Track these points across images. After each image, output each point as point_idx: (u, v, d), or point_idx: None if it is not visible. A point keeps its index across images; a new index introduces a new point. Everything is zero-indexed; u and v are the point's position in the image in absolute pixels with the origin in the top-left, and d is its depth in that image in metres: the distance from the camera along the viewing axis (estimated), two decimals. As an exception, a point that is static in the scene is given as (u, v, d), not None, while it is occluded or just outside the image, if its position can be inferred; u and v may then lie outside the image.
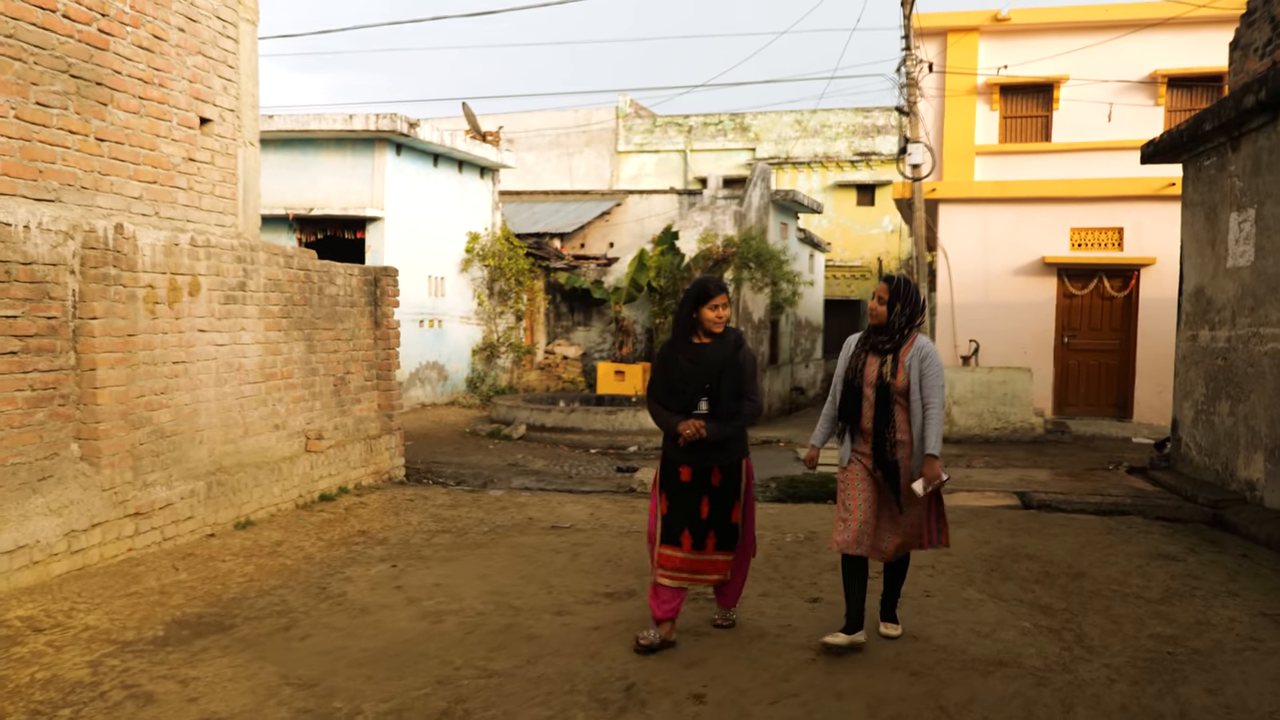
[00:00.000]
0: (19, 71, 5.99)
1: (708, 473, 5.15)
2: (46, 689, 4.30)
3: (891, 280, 5.22)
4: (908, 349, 5.16)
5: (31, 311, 5.83)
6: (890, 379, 5.10)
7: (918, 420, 5.11)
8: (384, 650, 4.96)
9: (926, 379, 5.09)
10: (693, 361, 5.16)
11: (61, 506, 5.90)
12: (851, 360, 5.28)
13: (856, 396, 5.21)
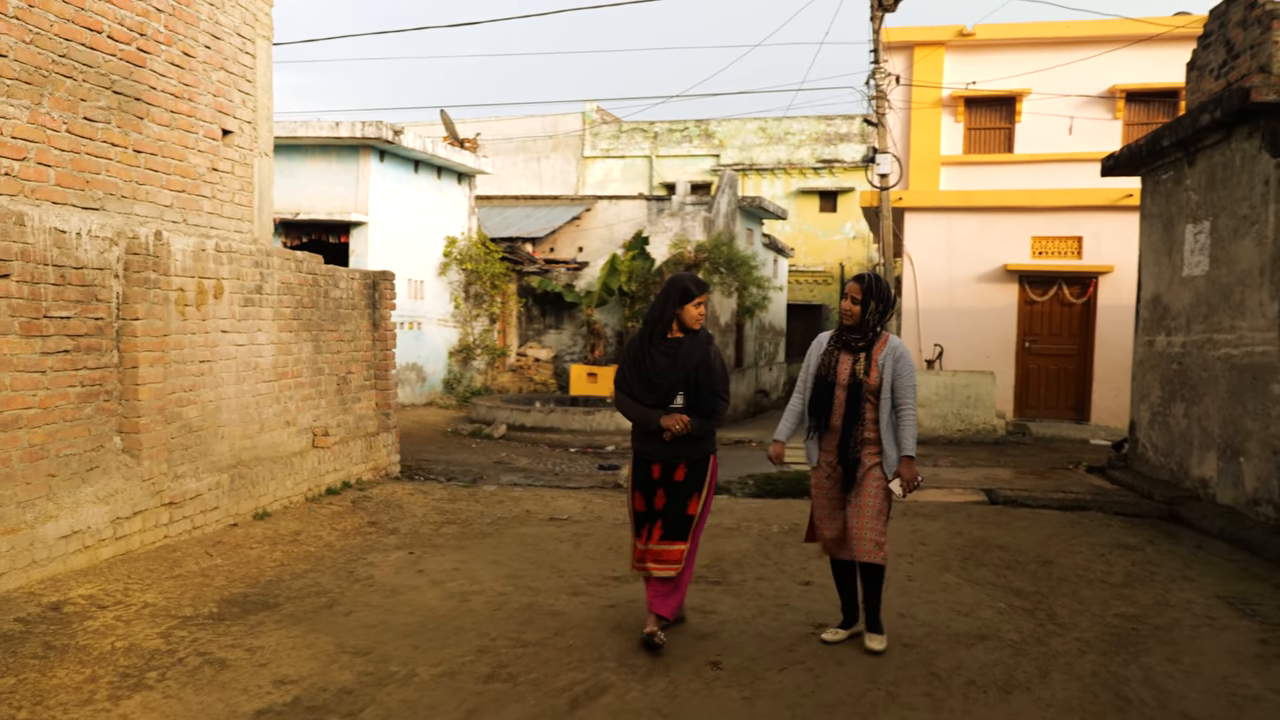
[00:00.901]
0: (70, 89, 6.36)
1: (674, 468, 5.24)
2: (129, 655, 4.72)
3: (863, 279, 5.23)
4: (881, 347, 5.19)
5: (82, 313, 6.20)
6: (863, 377, 5.13)
7: (888, 421, 5.14)
8: (422, 624, 5.41)
9: (900, 379, 5.13)
10: (669, 356, 5.21)
11: (108, 495, 6.28)
12: (824, 357, 5.29)
13: (828, 393, 5.23)
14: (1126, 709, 4.55)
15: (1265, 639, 5.65)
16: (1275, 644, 5.56)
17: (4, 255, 5.60)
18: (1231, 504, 9.39)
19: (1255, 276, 9.20)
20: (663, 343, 5.26)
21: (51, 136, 6.24)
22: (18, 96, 5.97)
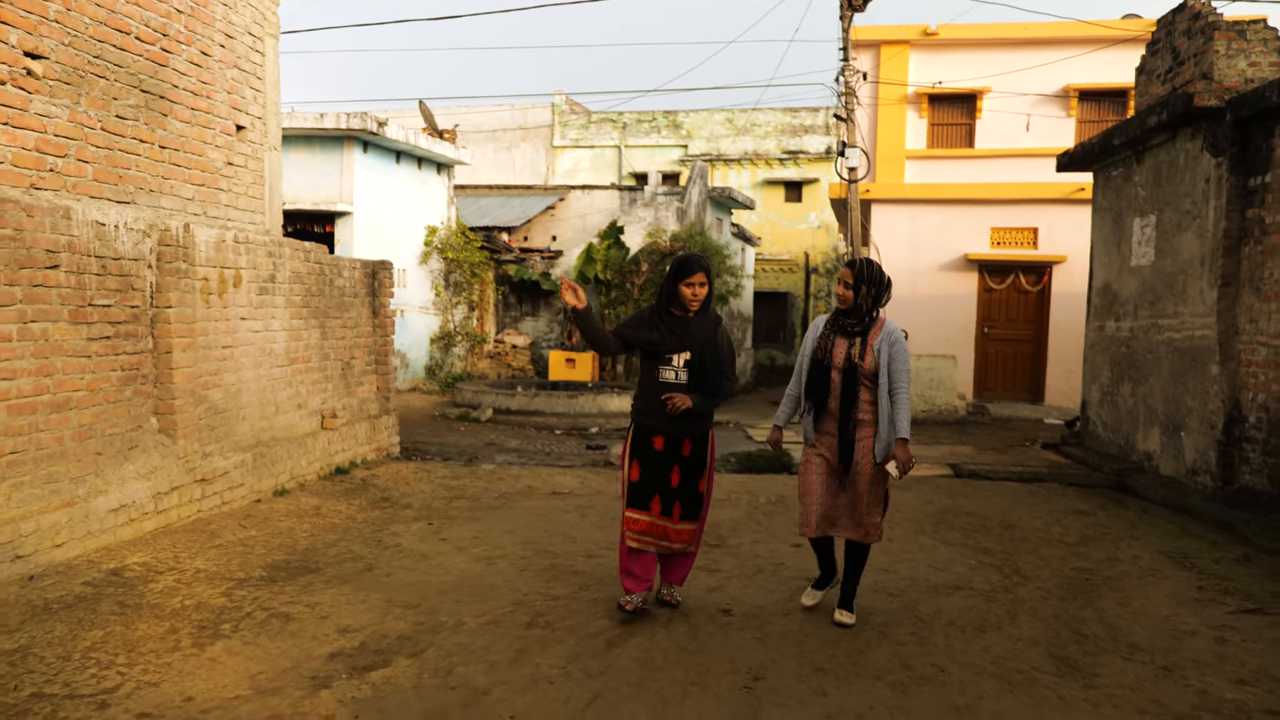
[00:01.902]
0: (103, 88, 6.79)
1: (680, 442, 5.28)
2: (199, 611, 5.22)
3: (855, 265, 5.29)
4: (876, 332, 5.26)
5: (120, 301, 6.65)
6: (859, 361, 5.20)
7: (883, 403, 5.19)
8: (458, 583, 5.94)
9: (895, 363, 5.19)
10: (675, 333, 5.27)
11: (148, 472, 6.74)
12: (820, 341, 5.35)
13: (824, 376, 5.29)
14: (1083, 641, 5.20)
15: (1201, 586, 6.38)
16: (1210, 590, 6.28)
17: (53, 247, 6.04)
18: (1173, 475, 10.14)
19: (1196, 266, 9.92)
20: (671, 319, 5.31)
21: (89, 134, 6.67)
22: (59, 96, 6.40)
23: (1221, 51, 9.75)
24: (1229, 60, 9.75)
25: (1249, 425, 9.03)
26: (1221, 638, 5.35)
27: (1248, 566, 6.96)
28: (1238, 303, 9.34)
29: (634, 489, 5.32)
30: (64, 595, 5.35)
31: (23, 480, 5.72)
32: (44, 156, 6.24)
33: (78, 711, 3.95)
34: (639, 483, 5.31)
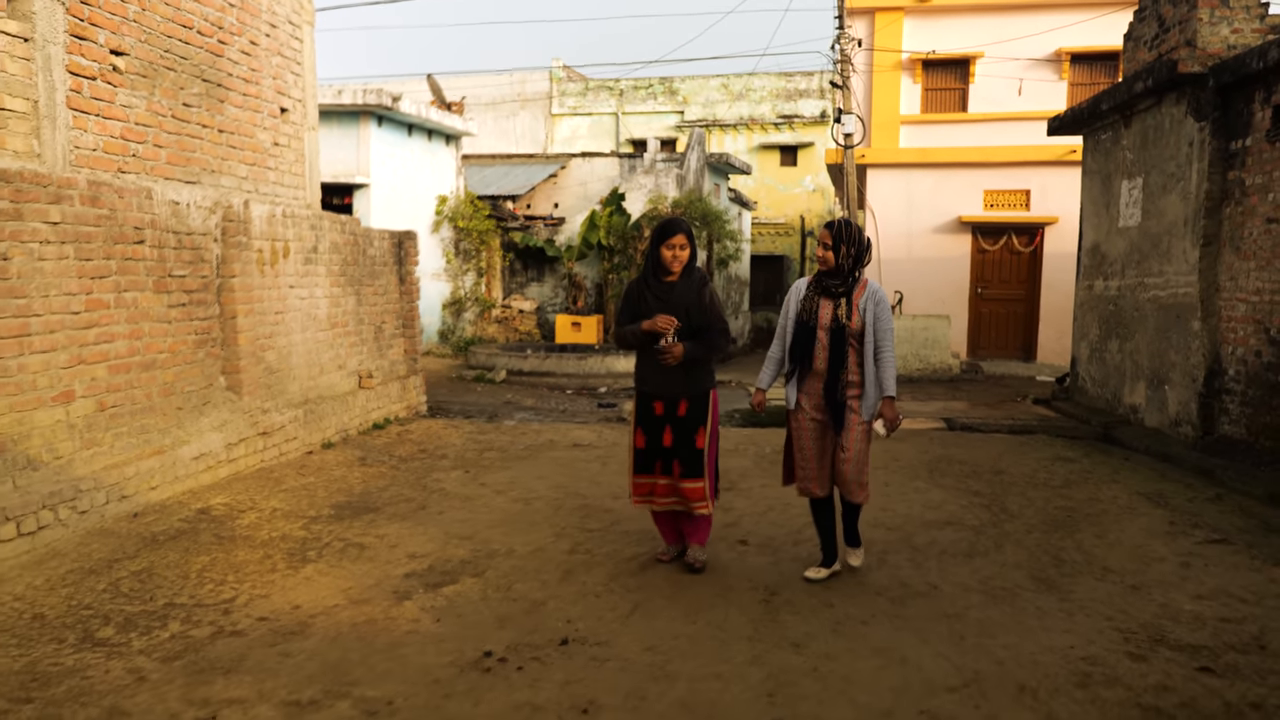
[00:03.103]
0: (172, 79, 7.44)
1: (676, 404, 5.42)
2: (285, 541, 5.96)
3: (833, 226, 5.29)
4: (860, 292, 5.27)
5: (193, 272, 7.34)
6: (845, 321, 5.21)
7: (868, 363, 5.24)
8: (503, 519, 6.69)
9: (880, 323, 5.22)
10: (661, 299, 5.35)
11: (220, 425, 7.47)
12: (804, 304, 5.35)
13: (810, 339, 5.29)
14: (1061, 566, 5.94)
15: (1173, 521, 7.09)
16: (1180, 524, 6.99)
17: (139, 224, 6.72)
18: (1157, 426, 10.83)
19: (1180, 227, 10.53)
20: (657, 285, 5.40)
21: (162, 121, 7.33)
22: (138, 88, 7.05)
23: (1205, 19, 10.22)
24: (1212, 28, 10.24)
25: (1228, 378, 9.66)
26: (1186, 563, 6.06)
27: (1218, 505, 7.66)
28: (1219, 261, 9.92)
29: (638, 455, 5.52)
30: (166, 529, 6.10)
31: (122, 431, 6.45)
32: (128, 143, 6.91)
33: (208, 616, 4.70)
34: (644, 449, 5.49)
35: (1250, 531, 6.74)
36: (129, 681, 3.97)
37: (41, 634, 4.46)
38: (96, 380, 6.31)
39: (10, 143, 5.90)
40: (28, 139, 6.02)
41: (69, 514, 5.86)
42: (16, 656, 4.19)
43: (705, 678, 4.13)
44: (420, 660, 4.24)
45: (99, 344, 6.33)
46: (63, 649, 4.29)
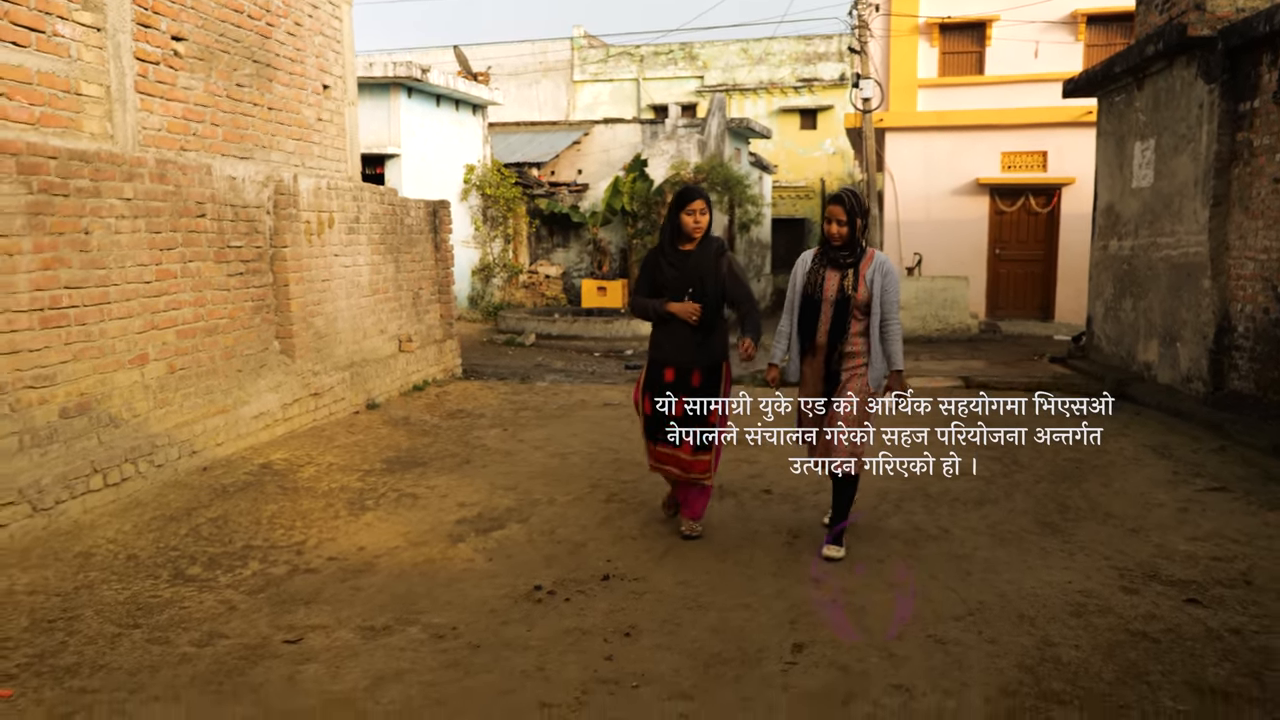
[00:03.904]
0: (226, 61, 7.88)
1: (689, 374, 5.43)
2: (344, 492, 6.47)
3: (843, 200, 5.19)
4: (867, 263, 5.23)
5: (249, 243, 7.81)
6: (851, 292, 5.17)
7: (874, 334, 5.20)
8: (542, 472, 7.17)
9: (888, 293, 5.18)
10: (676, 267, 5.37)
11: (276, 386, 7.97)
12: (810, 276, 5.31)
13: (815, 310, 5.27)
14: (1066, 512, 6.36)
15: (1176, 471, 7.49)
16: (1183, 474, 7.39)
17: (201, 199, 7.19)
18: (1170, 383, 11.17)
19: (1191, 188, 10.82)
20: (674, 254, 5.41)
21: (218, 101, 7.78)
22: (196, 71, 7.49)
23: (1214, -18, 10.47)
24: (1221, -10, 10.49)
25: (1237, 335, 9.98)
26: (1185, 509, 6.45)
27: (1221, 456, 8.03)
28: (1228, 221, 10.21)
29: (648, 422, 5.57)
30: (234, 481, 6.62)
31: (190, 391, 6.95)
32: (188, 123, 7.36)
33: (284, 556, 5.21)
34: (652, 415, 5.53)
35: (1250, 480, 7.12)
36: (221, 610, 4.47)
37: (137, 571, 4.97)
38: (167, 344, 6.81)
39: (87, 125, 6.36)
40: (101, 121, 6.48)
41: (147, 467, 6.38)
42: (119, 590, 4.71)
43: (734, 608, 4.60)
44: (477, 593, 4.73)
45: (168, 310, 6.82)
46: (158, 584, 4.80)
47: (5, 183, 5.39)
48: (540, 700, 3.62)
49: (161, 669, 3.83)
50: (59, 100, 6.14)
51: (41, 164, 5.67)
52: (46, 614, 4.38)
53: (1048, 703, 3.65)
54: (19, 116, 5.82)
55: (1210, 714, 3.57)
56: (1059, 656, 4.05)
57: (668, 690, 3.72)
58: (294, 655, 3.98)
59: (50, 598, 4.58)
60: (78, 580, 4.82)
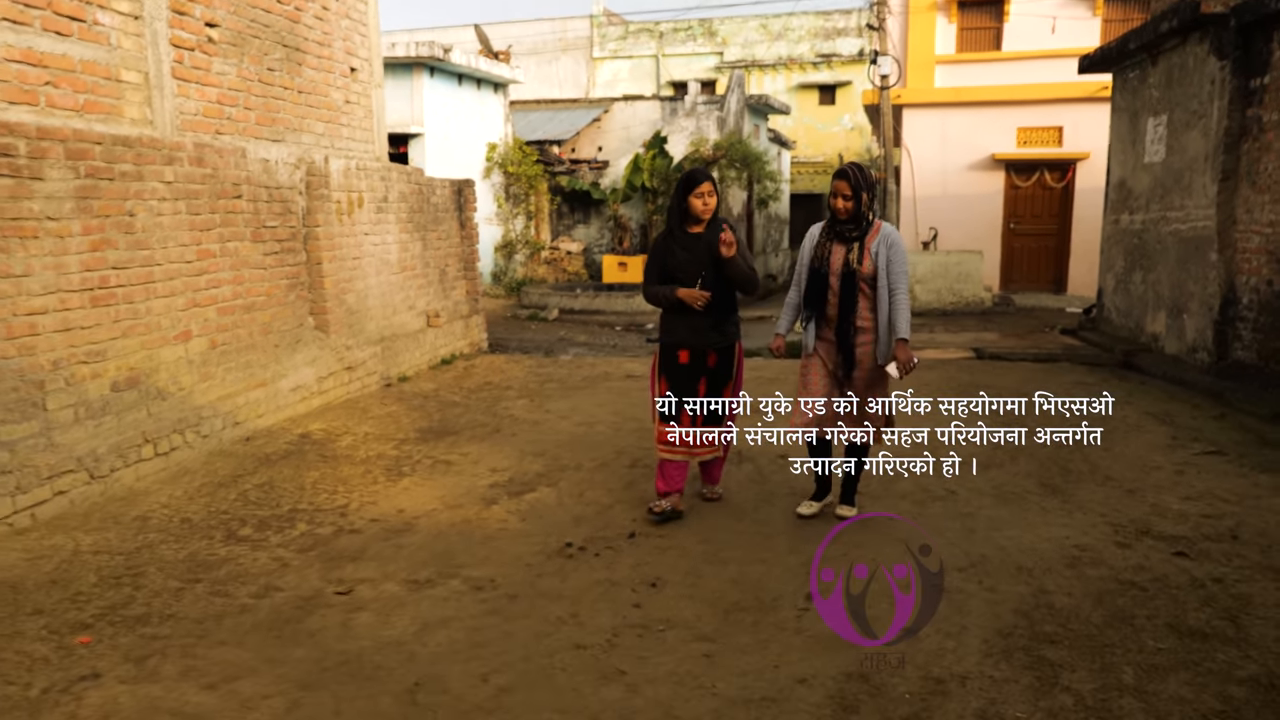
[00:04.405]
0: (258, 46, 8.18)
1: (704, 355, 5.45)
2: (381, 460, 6.82)
3: (847, 175, 5.19)
4: (873, 236, 5.23)
5: (283, 223, 8.14)
6: (857, 265, 5.18)
7: (883, 307, 5.20)
8: (569, 440, 7.49)
9: (893, 265, 5.17)
10: (688, 250, 5.38)
11: (311, 360, 8.32)
12: (817, 250, 5.34)
13: (822, 284, 5.29)
14: (1067, 475, 6.64)
15: (1175, 436, 7.75)
16: (1181, 439, 7.65)
17: (237, 181, 7.52)
18: (1176, 353, 11.39)
19: (1201, 163, 10.99)
20: (684, 236, 5.41)
21: (250, 86, 8.09)
22: (230, 57, 7.80)
23: (1227, -41, 10.59)
24: (1234, -32, 10.61)
25: (1242, 306, 10.19)
26: (1181, 471, 6.73)
27: (1221, 423, 8.28)
28: (1236, 195, 10.38)
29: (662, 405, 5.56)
30: (276, 450, 6.98)
31: (231, 366, 7.31)
32: (223, 107, 7.68)
33: (329, 518, 5.56)
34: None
35: (1245, 444, 7.38)
36: (275, 567, 4.83)
37: (192, 533, 5.33)
38: (208, 321, 7.15)
39: (128, 111, 6.68)
40: (141, 107, 6.80)
41: (194, 437, 6.74)
42: (177, 549, 5.07)
43: (751, 562, 4.92)
44: (512, 550, 5.07)
45: (209, 289, 7.16)
46: (213, 544, 5.16)
47: (55, 168, 5.72)
48: (575, 643, 3.96)
49: (224, 618, 4.19)
50: (101, 87, 6.47)
51: (88, 149, 5.99)
52: (112, 571, 4.74)
53: (1040, 643, 3.96)
54: (65, 104, 6.15)
55: (1188, 652, 3.87)
56: (1052, 603, 4.36)
57: (692, 633, 4.06)
58: (346, 605, 4.33)
59: (114, 557, 4.94)
60: (138, 541, 5.18)
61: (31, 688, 3.55)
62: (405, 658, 3.83)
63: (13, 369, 5.40)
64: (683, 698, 3.54)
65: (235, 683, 3.60)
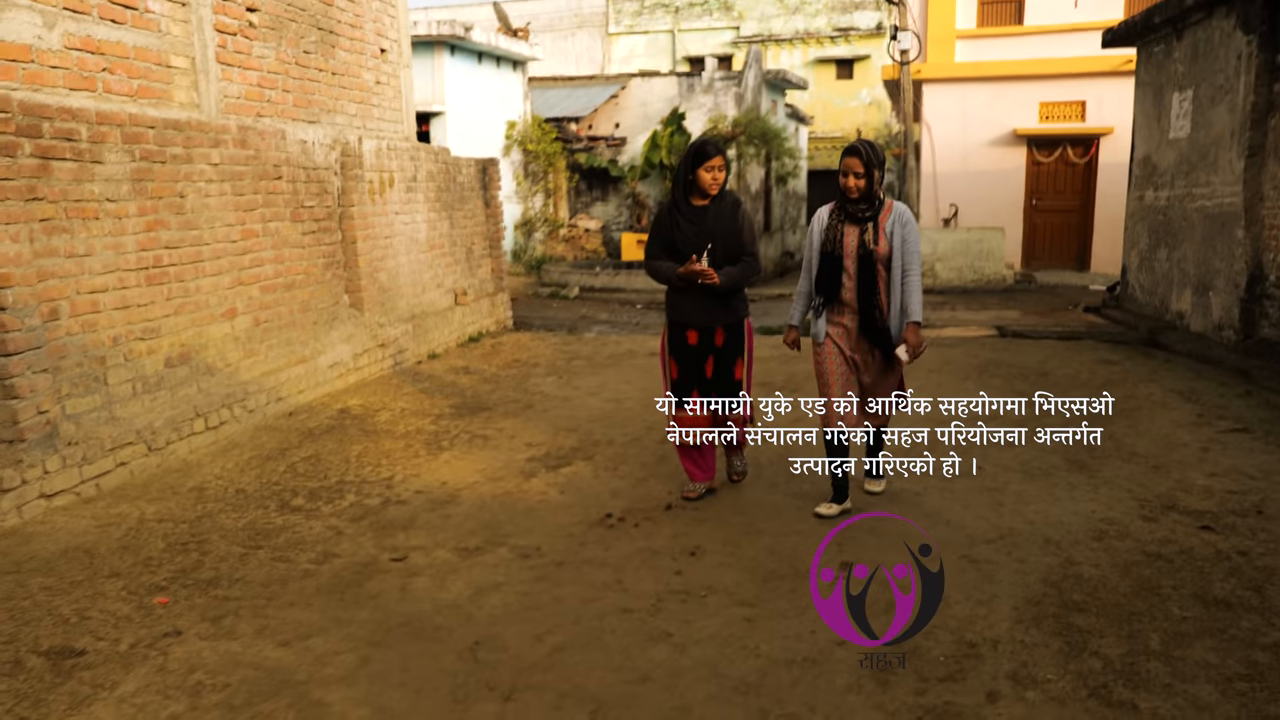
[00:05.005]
0: (294, 30, 8.33)
1: (712, 333, 5.35)
2: (420, 434, 7.01)
3: (858, 151, 5.00)
4: (886, 215, 5.07)
5: (320, 203, 8.31)
6: (873, 247, 5.01)
7: (896, 288, 5.06)
8: (600, 416, 7.67)
9: (908, 245, 5.02)
10: (693, 223, 5.22)
11: (347, 337, 8.51)
12: (827, 232, 5.14)
13: (836, 268, 5.10)
14: (1094, 450, 6.75)
15: (1201, 414, 7.85)
16: (1207, 417, 7.75)
17: (277, 162, 7.68)
18: (1201, 331, 11.44)
19: (1227, 139, 10.99)
20: (689, 210, 5.26)
21: (288, 68, 8.24)
22: (269, 40, 7.95)
23: (1255, -69, 10.55)
24: (1262, -61, 10.57)
25: (1269, 283, 10.21)
26: (1206, 448, 6.84)
27: (1246, 400, 8.37)
28: (1263, 171, 10.37)
29: (675, 386, 5.48)
30: (318, 425, 7.19)
31: (273, 343, 7.51)
32: (263, 90, 7.84)
33: (376, 489, 5.76)
34: (679, 380, 5.45)
35: (1271, 422, 7.48)
36: (330, 535, 5.03)
37: (247, 503, 5.54)
38: (252, 299, 7.35)
39: (176, 96, 6.85)
40: (189, 91, 6.97)
41: (240, 412, 6.95)
42: (236, 518, 5.27)
43: (786, 533, 5.09)
44: (554, 520, 5.26)
45: (252, 268, 7.35)
46: (269, 513, 5.36)
47: (113, 152, 5.90)
48: (622, 607, 4.15)
49: (289, 582, 4.40)
50: (152, 73, 6.64)
51: (142, 133, 6.17)
52: (178, 538, 4.96)
53: (1068, 610, 4.12)
54: (120, 90, 6.33)
55: (1213, 620, 4.03)
56: (1080, 574, 4.52)
57: (732, 599, 4.24)
58: (401, 571, 4.53)
59: (178, 525, 5.15)
60: (197, 510, 5.39)
61: (120, 642, 3.77)
62: (463, 619, 4.02)
63: (77, 345, 5.61)
64: (728, 658, 3.73)
65: (308, 640, 3.81)
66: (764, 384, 8.82)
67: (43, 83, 5.69)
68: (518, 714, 3.35)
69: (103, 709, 3.34)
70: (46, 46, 5.73)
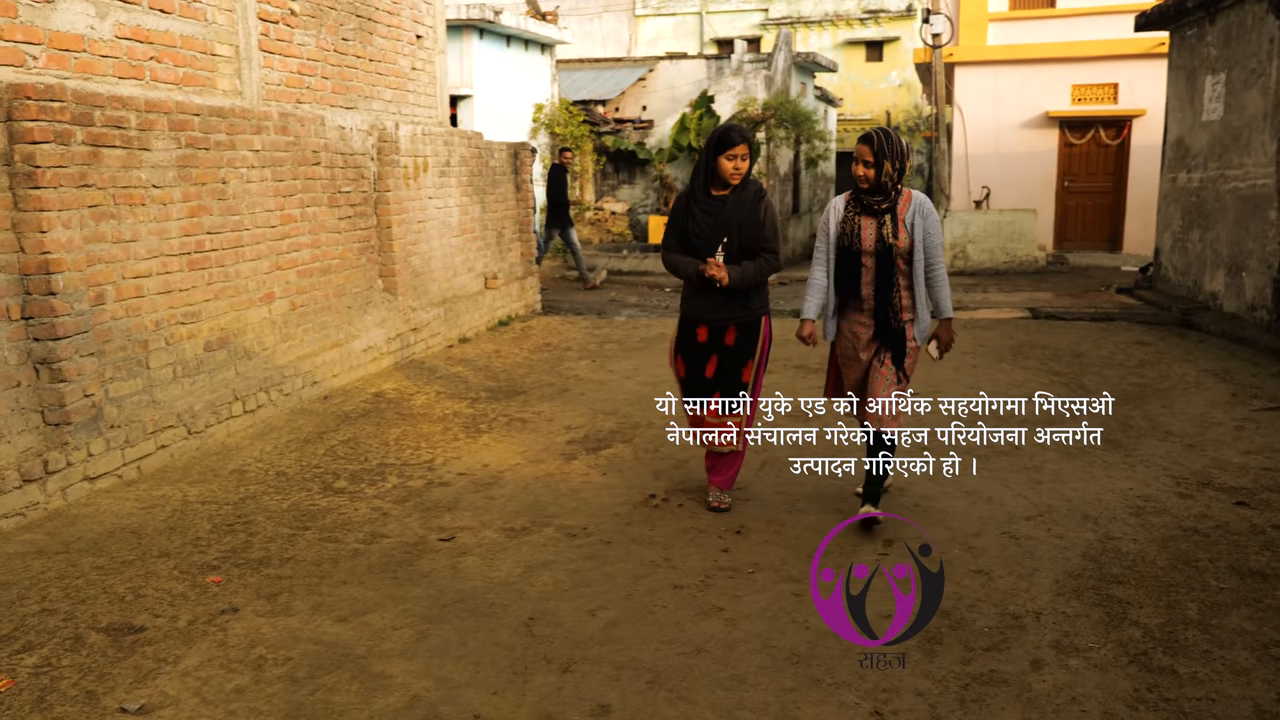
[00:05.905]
0: (333, 18, 8.40)
1: (723, 332, 4.98)
2: (457, 418, 7.09)
3: (871, 139, 4.69)
4: (905, 206, 4.75)
5: (356, 188, 8.40)
6: (892, 241, 4.70)
7: (920, 282, 4.77)
8: (636, 399, 7.72)
9: (930, 237, 4.72)
10: (710, 214, 4.91)
11: (381, 321, 8.60)
12: (842, 225, 4.82)
13: (854, 263, 4.80)
14: (1129, 431, 6.77)
15: (1235, 393, 7.84)
16: (1241, 396, 7.75)
17: (316, 148, 7.77)
18: (1235, 312, 11.42)
19: (1260, 121, 10.97)
20: (706, 200, 4.95)
21: (327, 55, 8.32)
22: (309, 28, 8.03)
23: (1288, -85, 10.49)
24: (1294, -77, 10.51)
25: (1302, 264, 10.23)
26: (1241, 427, 6.85)
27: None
28: (1296, 154, 10.41)
29: (683, 385, 5.22)
30: (354, 409, 7.28)
31: (309, 327, 7.61)
32: (303, 77, 7.92)
33: (417, 472, 5.85)
34: (686, 378, 5.17)
35: (1306, 401, 7.49)
36: (375, 516, 5.12)
37: (290, 485, 5.63)
38: (289, 284, 7.44)
39: (220, 83, 6.94)
40: (232, 79, 7.06)
41: (277, 395, 7.05)
42: (279, 500, 5.37)
43: (828, 513, 5.15)
44: (598, 501, 5.33)
45: (290, 253, 7.45)
46: (313, 495, 5.46)
47: (160, 139, 5.99)
48: (672, 583, 4.23)
49: (339, 561, 4.49)
50: (198, 61, 6.73)
51: (188, 120, 6.26)
52: (224, 519, 5.06)
53: (1108, 583, 4.18)
54: (167, 78, 6.42)
55: (1249, 591, 4.08)
56: (1119, 548, 4.56)
57: (779, 575, 4.31)
58: (451, 550, 4.61)
59: (222, 506, 5.25)
60: (240, 492, 5.49)
61: (178, 619, 3.87)
62: (515, 596, 4.10)
63: (121, 329, 5.71)
64: (778, 631, 3.80)
65: (365, 616, 3.89)
66: (799, 366, 8.86)
67: (94, 72, 5.78)
68: (577, 684, 3.42)
69: (168, 682, 3.43)
70: (98, 36, 5.83)
